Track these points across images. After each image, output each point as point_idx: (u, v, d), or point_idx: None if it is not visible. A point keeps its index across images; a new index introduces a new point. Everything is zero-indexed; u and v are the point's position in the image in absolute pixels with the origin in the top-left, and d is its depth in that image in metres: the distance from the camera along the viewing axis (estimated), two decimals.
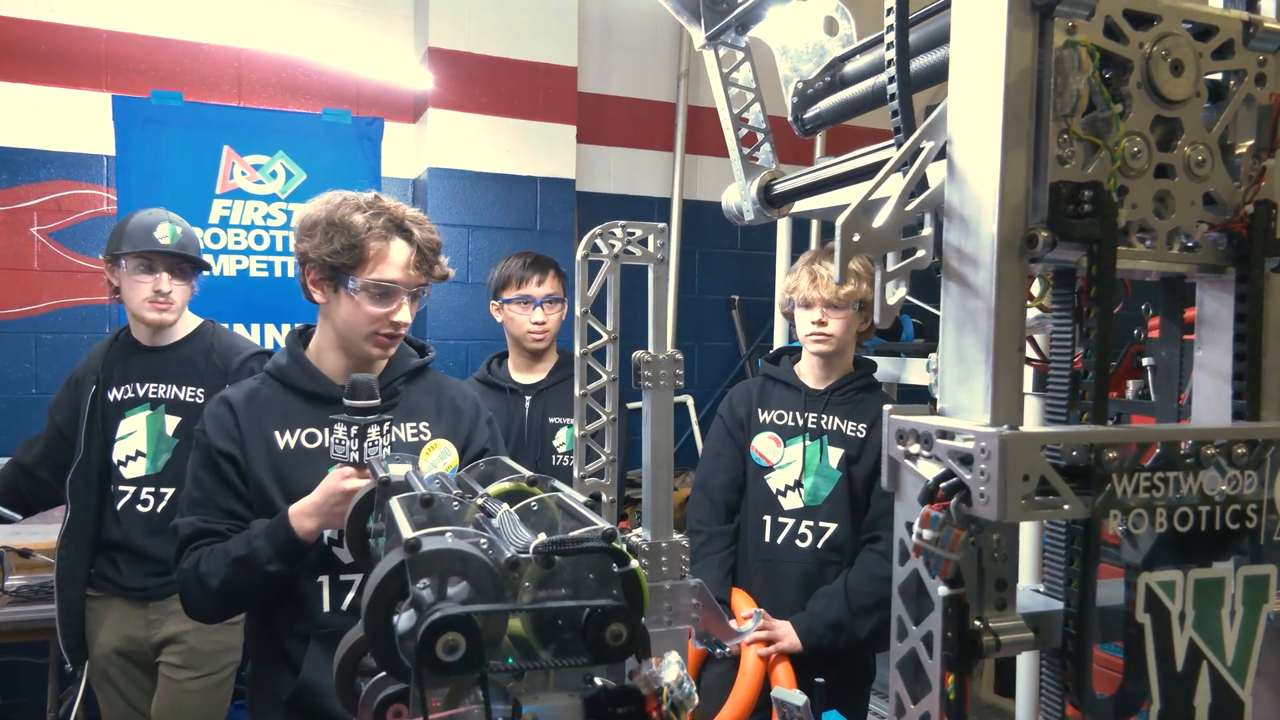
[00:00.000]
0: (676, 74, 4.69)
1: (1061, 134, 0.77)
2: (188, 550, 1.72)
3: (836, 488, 2.39)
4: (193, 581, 1.69)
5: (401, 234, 1.77)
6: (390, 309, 1.76)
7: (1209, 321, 0.89)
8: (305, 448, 1.75)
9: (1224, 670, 0.80)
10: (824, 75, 1.30)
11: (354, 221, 1.72)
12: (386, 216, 1.75)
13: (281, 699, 1.72)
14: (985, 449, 0.71)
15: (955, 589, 0.75)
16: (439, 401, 1.89)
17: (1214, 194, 0.84)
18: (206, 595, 1.68)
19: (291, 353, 1.84)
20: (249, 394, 1.80)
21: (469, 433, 1.88)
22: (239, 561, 1.64)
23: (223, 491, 1.74)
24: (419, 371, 1.91)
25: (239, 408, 1.77)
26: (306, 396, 1.78)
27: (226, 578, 1.65)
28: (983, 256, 0.78)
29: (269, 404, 1.78)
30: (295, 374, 1.81)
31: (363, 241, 1.72)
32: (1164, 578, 0.78)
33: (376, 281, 1.74)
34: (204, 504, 1.74)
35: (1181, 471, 0.76)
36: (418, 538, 0.85)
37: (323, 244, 1.73)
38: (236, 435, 1.74)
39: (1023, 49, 0.76)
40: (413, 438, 1.82)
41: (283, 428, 1.76)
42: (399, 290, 1.76)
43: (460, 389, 1.97)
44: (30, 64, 3.61)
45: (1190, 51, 0.81)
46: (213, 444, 1.74)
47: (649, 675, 0.85)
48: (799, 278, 2.44)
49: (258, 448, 1.74)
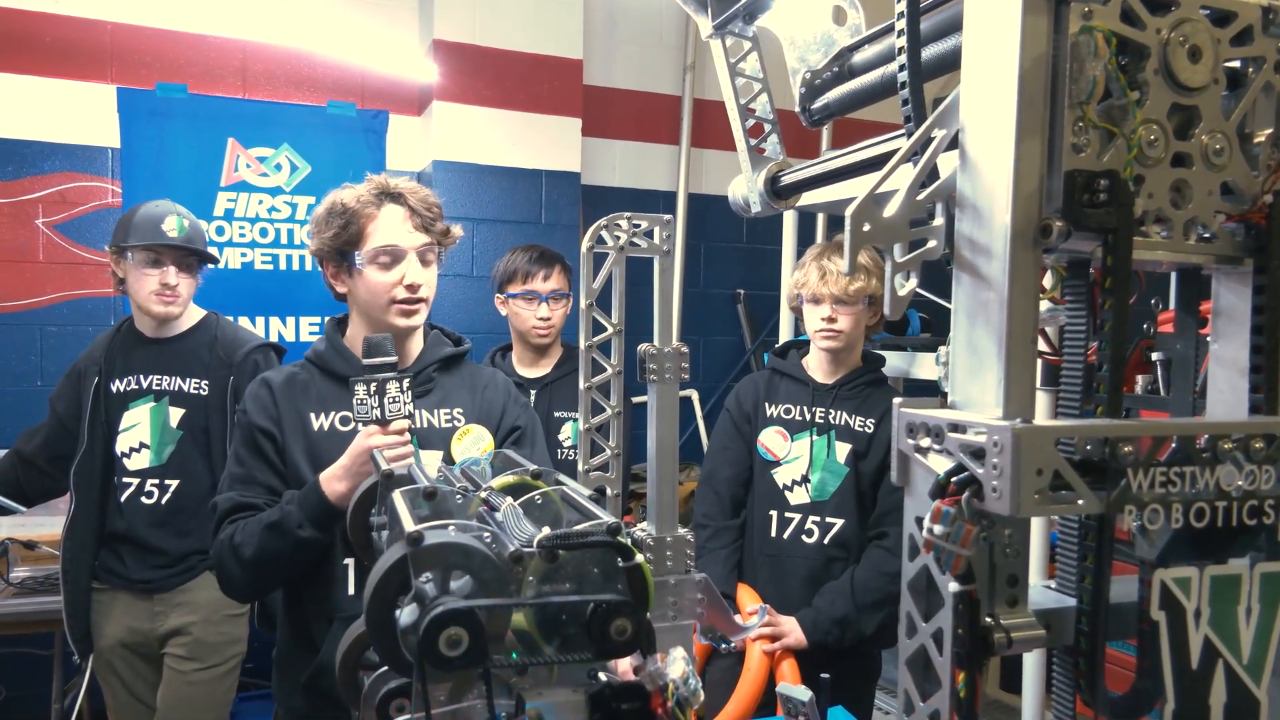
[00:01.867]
0: (682, 67, 4.67)
1: (1077, 121, 0.76)
2: (225, 524, 1.76)
3: (844, 483, 2.38)
4: (228, 552, 1.72)
5: (392, 199, 1.81)
6: (400, 273, 1.80)
7: (1225, 314, 0.87)
8: (339, 430, 1.80)
9: (1240, 669, 0.78)
10: (832, 65, 1.28)
11: (345, 201, 1.79)
12: (374, 187, 1.81)
13: (300, 681, 1.76)
14: (998, 442, 0.70)
15: (966, 585, 0.74)
16: (473, 389, 1.92)
17: (1232, 183, 0.82)
18: (240, 565, 1.71)
19: (330, 339, 1.90)
20: (288, 377, 1.86)
21: (501, 414, 1.92)
22: (272, 527, 1.68)
23: (262, 467, 1.79)
24: (454, 360, 1.94)
25: (277, 389, 1.83)
26: (341, 380, 1.82)
27: (260, 545, 1.68)
28: (995, 247, 0.76)
29: (306, 387, 1.84)
30: (331, 358, 1.86)
31: (356, 215, 1.78)
32: (1180, 574, 0.76)
33: (378, 248, 1.79)
34: (244, 480, 1.79)
35: (1198, 466, 0.74)
36: (420, 531, 0.84)
37: (325, 232, 1.80)
38: (274, 414, 1.80)
39: (1037, 35, 0.75)
40: (446, 423, 1.85)
41: (318, 410, 1.82)
42: (402, 251, 1.80)
43: (494, 376, 2.00)
44: (35, 56, 3.61)
45: (1208, 38, 0.80)
46: (253, 421, 1.80)
47: (654, 671, 0.84)
48: (808, 273, 2.42)
49: (294, 427, 1.79)
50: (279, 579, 1.82)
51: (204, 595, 2.59)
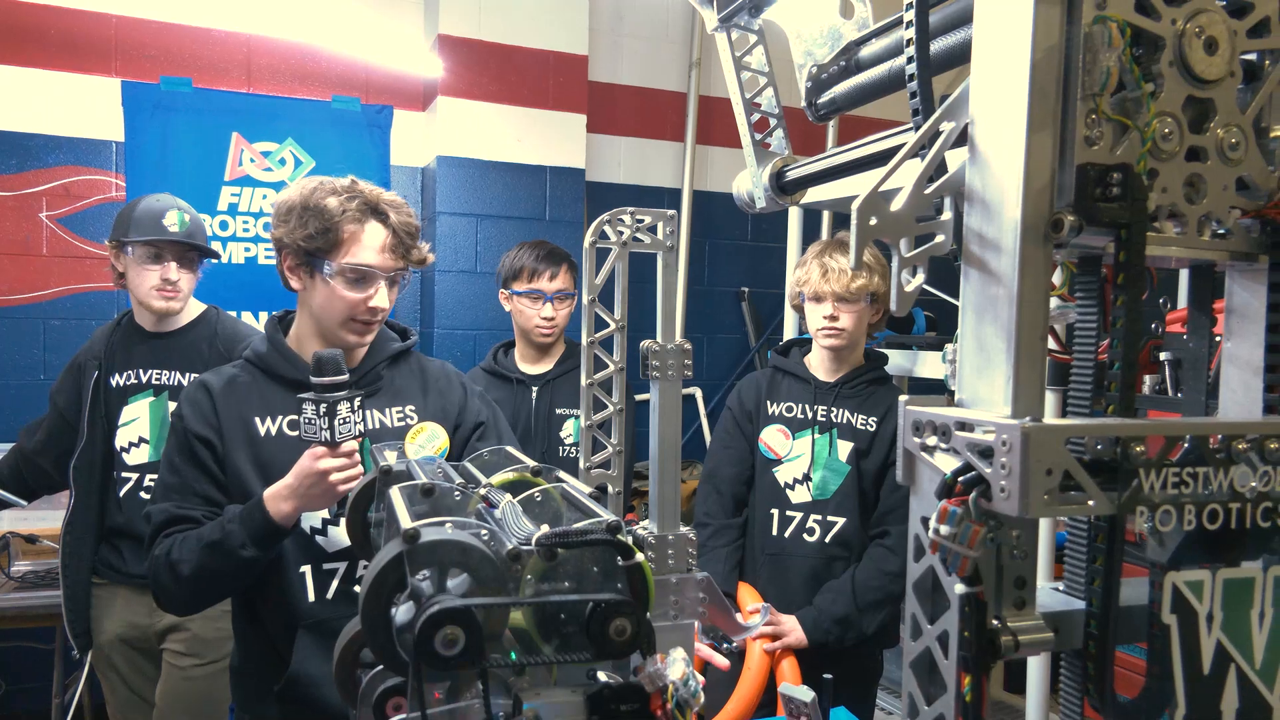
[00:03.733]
0: (688, 63, 4.65)
1: (1089, 114, 0.74)
2: (160, 538, 1.67)
3: (845, 482, 2.36)
4: (164, 569, 1.64)
5: (377, 217, 1.73)
6: (367, 294, 1.72)
7: (1239, 312, 0.86)
8: (286, 435, 1.72)
9: (1252, 673, 0.76)
10: (839, 59, 1.27)
11: (328, 205, 1.69)
12: (361, 200, 1.72)
13: (271, 691, 1.69)
14: (1007, 441, 0.68)
15: (973, 587, 0.72)
16: (424, 384, 1.85)
17: (1247, 178, 0.80)
18: (178, 583, 1.63)
19: (271, 339, 1.80)
20: (228, 380, 1.76)
21: (459, 410, 1.85)
22: (212, 546, 1.59)
23: (199, 477, 1.70)
24: (401, 355, 1.87)
25: (217, 394, 1.73)
26: (287, 384, 1.75)
27: (199, 564, 1.60)
28: (1005, 242, 0.74)
29: (249, 391, 1.75)
30: (275, 361, 1.77)
31: (337, 225, 1.69)
32: (1192, 577, 0.75)
33: (352, 265, 1.71)
34: (179, 490, 1.69)
35: (1212, 467, 0.73)
36: (417, 528, 0.82)
37: (297, 229, 1.70)
38: (214, 421, 1.71)
39: (1050, 25, 0.73)
40: (399, 422, 1.79)
41: (263, 415, 1.73)
42: (375, 275, 1.72)
43: (444, 369, 1.93)
44: (40, 49, 3.60)
45: (1225, 29, 0.78)
46: (189, 428, 1.70)
47: (653, 672, 0.82)
48: (809, 270, 2.40)
49: (236, 434, 1.70)
50: (218, 596, 1.76)
51: None
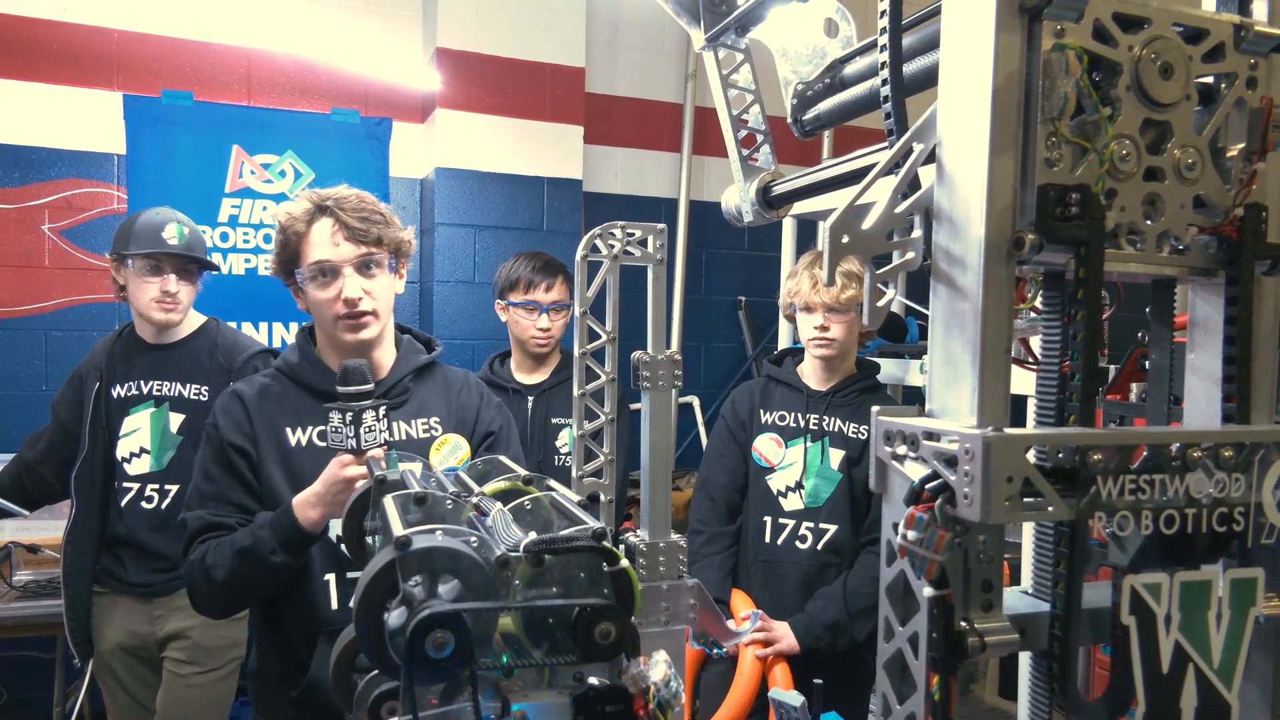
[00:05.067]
0: (684, 75, 4.69)
1: (1049, 137, 0.77)
2: (196, 544, 1.72)
3: (837, 489, 2.39)
4: (199, 574, 1.69)
5: (321, 213, 1.77)
6: (337, 287, 1.76)
7: (1200, 324, 0.89)
8: (316, 445, 1.76)
9: (1210, 673, 0.79)
10: (823, 77, 1.30)
11: (281, 220, 1.79)
12: (306, 202, 1.79)
13: (290, 696, 1.73)
14: (969, 450, 0.71)
15: (940, 590, 0.75)
16: (447, 394, 1.90)
17: (1204, 197, 0.84)
18: (212, 588, 1.68)
19: (301, 349, 1.85)
20: (260, 390, 1.81)
21: (474, 419, 1.90)
22: (244, 552, 1.65)
23: (233, 485, 1.75)
24: (427, 368, 1.92)
25: (250, 403, 1.78)
26: (316, 393, 1.78)
27: (232, 569, 1.65)
28: (970, 259, 0.78)
29: (280, 400, 1.80)
30: (305, 371, 1.82)
31: (290, 235, 1.77)
32: (1149, 580, 0.78)
33: (311, 264, 1.76)
34: (214, 498, 1.74)
35: (1168, 474, 0.76)
36: (408, 535, 0.85)
37: (273, 252, 1.82)
38: (249, 430, 1.76)
39: (1010, 52, 0.76)
40: (424, 434, 1.83)
41: (294, 424, 1.77)
42: (334, 266, 1.76)
43: (466, 378, 1.98)
44: (42, 63, 3.64)
45: (1180, 55, 0.81)
46: (225, 438, 1.75)
47: (636, 674, 0.85)
48: (800, 281, 2.43)
49: (270, 444, 1.75)
50: (252, 600, 1.80)
51: None
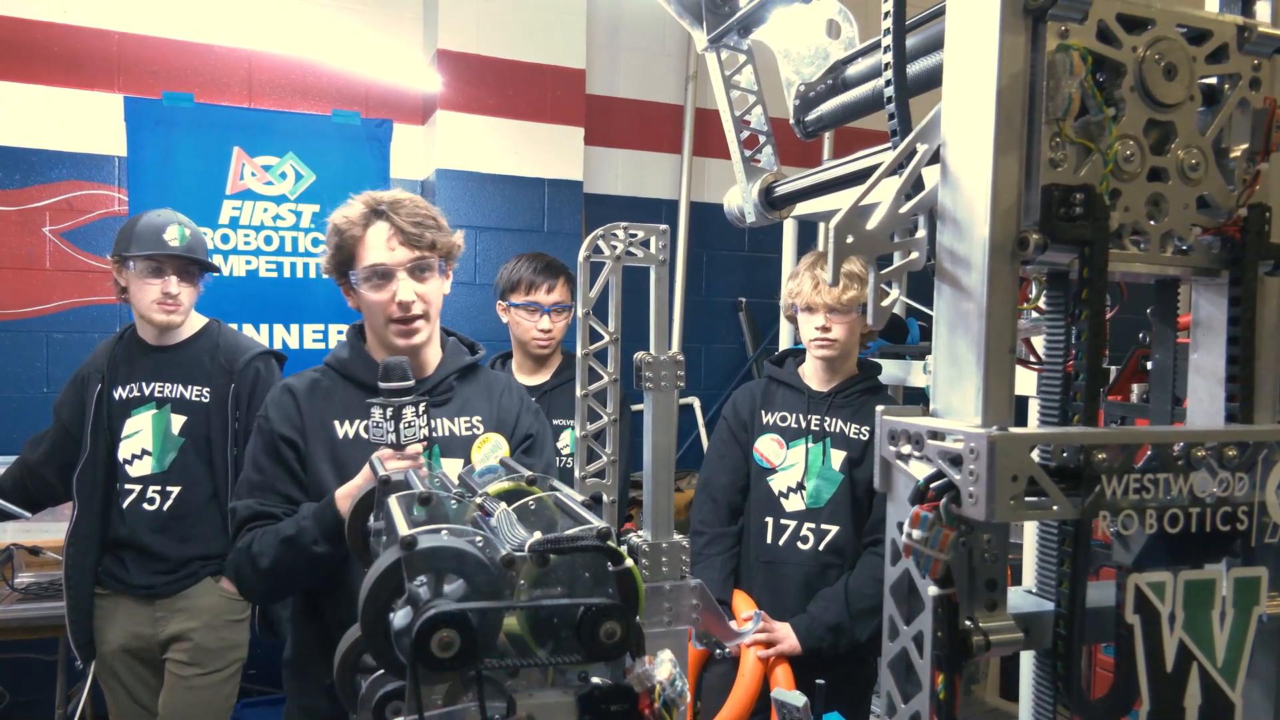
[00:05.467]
0: (684, 76, 4.69)
1: (1054, 137, 0.77)
2: (243, 531, 1.78)
3: (839, 490, 2.39)
4: (245, 561, 1.75)
5: (378, 217, 1.82)
6: (390, 290, 1.81)
7: (1204, 324, 0.89)
8: (364, 438, 1.81)
9: (1214, 672, 0.80)
10: (826, 78, 1.30)
11: (336, 223, 1.82)
12: (363, 205, 1.83)
13: (324, 684, 1.76)
14: (974, 450, 0.71)
15: (945, 589, 0.75)
16: (490, 397, 1.96)
17: (1208, 197, 0.84)
18: (258, 574, 1.74)
19: (352, 345, 1.91)
20: (310, 384, 1.87)
21: (514, 422, 1.95)
22: (288, 541, 1.70)
23: (282, 476, 1.80)
24: (471, 369, 1.98)
25: (301, 396, 1.84)
26: (365, 388, 1.83)
27: (276, 557, 1.71)
28: (975, 259, 0.78)
29: (330, 395, 1.86)
30: (355, 366, 1.87)
31: (347, 238, 1.81)
32: (1154, 579, 0.78)
33: (366, 267, 1.81)
34: (263, 488, 1.80)
35: (1172, 473, 0.76)
36: (414, 535, 0.86)
37: (327, 253, 1.85)
38: (299, 423, 1.81)
39: (1015, 53, 0.77)
40: (466, 431, 1.89)
41: (343, 418, 1.83)
42: (389, 269, 1.81)
43: (508, 382, 2.05)
44: (43, 65, 3.64)
45: (1184, 55, 0.81)
46: (276, 430, 1.81)
47: (641, 673, 0.85)
48: (801, 282, 2.44)
49: (319, 436, 1.81)
50: (296, 587, 1.85)
51: (205, 601, 2.61)
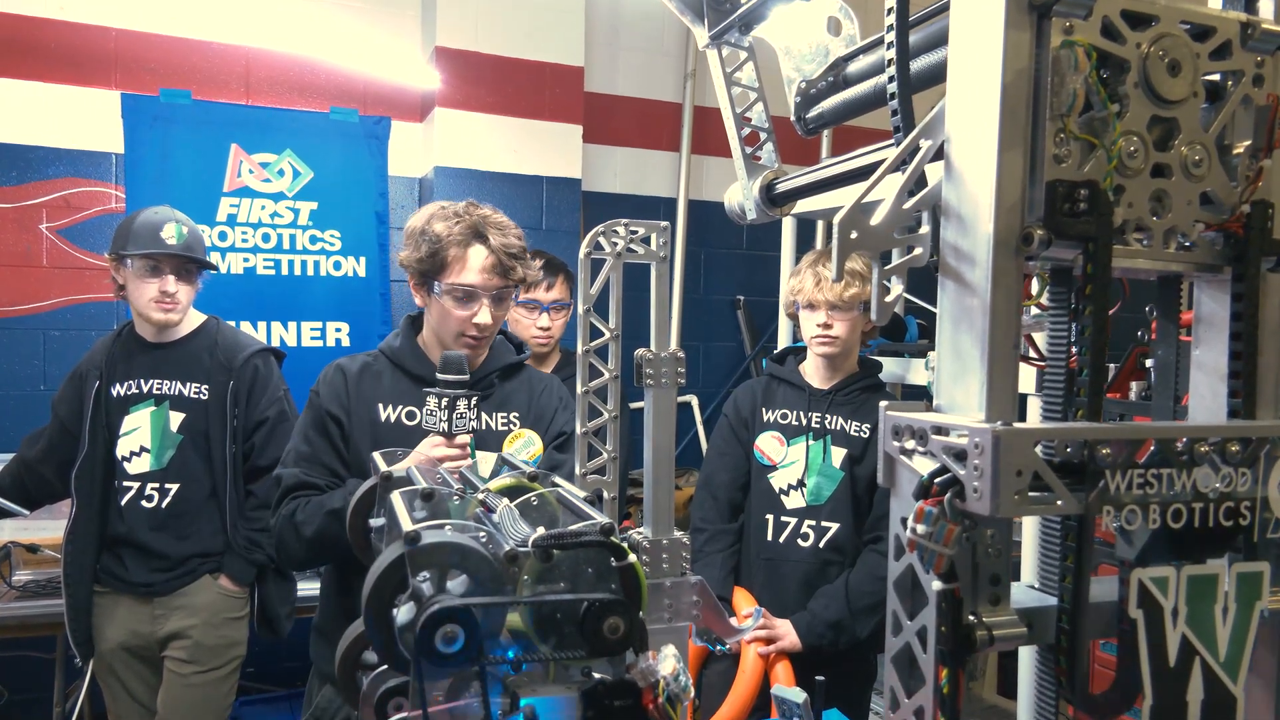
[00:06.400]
0: (683, 74, 4.69)
1: (1058, 133, 0.78)
2: (287, 499, 1.85)
3: (839, 488, 2.39)
4: (288, 528, 1.82)
5: (479, 240, 1.89)
6: (472, 311, 1.89)
7: (1206, 320, 0.89)
8: (404, 424, 1.89)
9: (1216, 666, 0.80)
10: (827, 75, 1.30)
11: (437, 230, 1.88)
12: (466, 223, 1.89)
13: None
14: (979, 444, 0.72)
15: (949, 584, 0.75)
16: (530, 395, 2.02)
17: (1211, 194, 0.84)
18: (300, 542, 1.81)
19: (405, 335, 1.99)
20: (363, 366, 1.95)
21: (551, 418, 2.01)
22: (333, 513, 1.75)
23: (327, 449, 1.88)
24: (515, 367, 2.04)
25: (351, 376, 1.92)
26: (412, 377, 1.93)
27: (320, 528, 1.77)
28: (979, 254, 0.78)
29: (379, 378, 1.94)
30: (406, 355, 1.96)
31: (444, 248, 1.87)
32: (1157, 574, 0.78)
33: (456, 285, 1.87)
34: (309, 459, 1.88)
35: (1175, 468, 0.76)
36: (417, 530, 0.86)
37: (413, 251, 1.90)
38: (345, 401, 1.89)
39: (1020, 49, 0.77)
40: (502, 426, 1.95)
41: (387, 401, 1.91)
42: (478, 294, 1.88)
43: (550, 381, 2.10)
44: (40, 61, 3.63)
45: (1188, 52, 0.82)
46: (324, 406, 1.89)
47: (645, 668, 0.85)
48: (803, 279, 2.44)
49: (362, 416, 1.89)
50: (332, 558, 1.91)
51: (204, 599, 2.60)
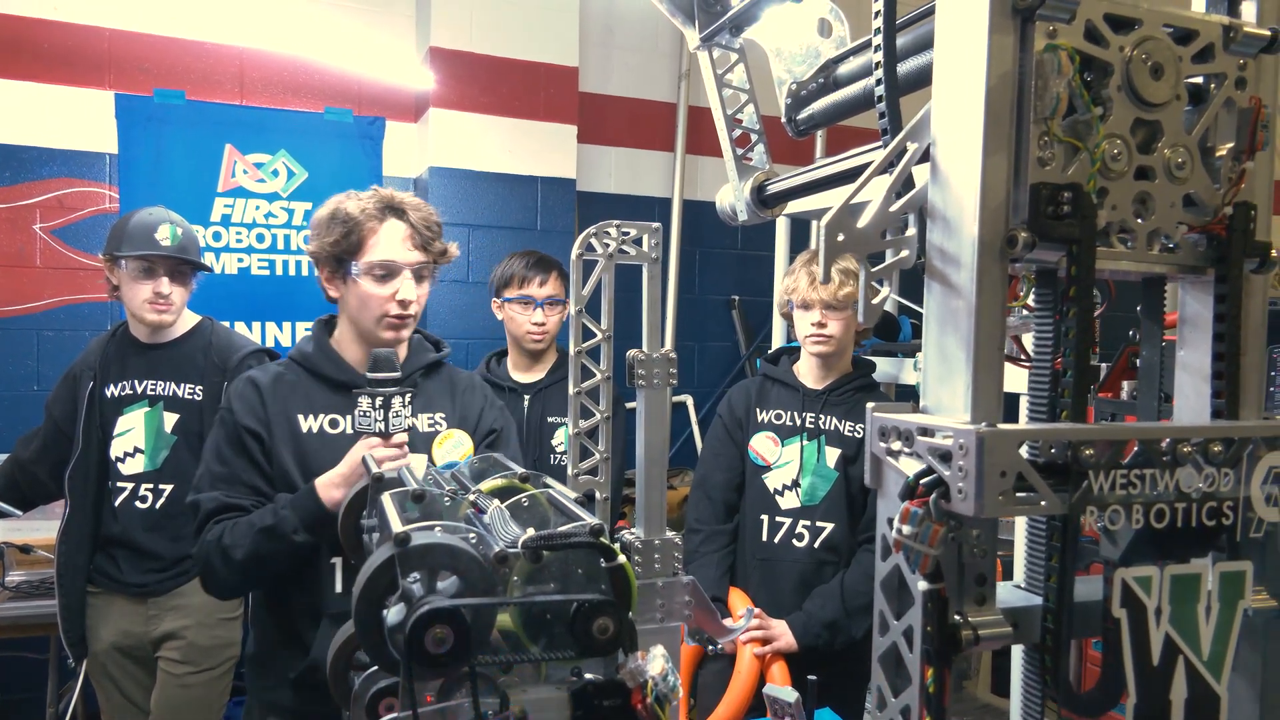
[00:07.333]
0: (678, 74, 4.70)
1: (1042, 136, 0.78)
2: (210, 524, 1.76)
3: (833, 488, 2.40)
4: (216, 554, 1.73)
5: (394, 214, 1.83)
6: (394, 288, 1.82)
7: (1190, 321, 0.90)
8: (328, 433, 1.82)
9: (1200, 665, 0.80)
10: (817, 77, 1.31)
11: (350, 210, 1.81)
12: (379, 200, 1.83)
13: (289, 678, 1.77)
14: (963, 446, 0.72)
15: (935, 584, 0.76)
16: (453, 394, 1.96)
17: (1194, 196, 0.85)
18: (229, 567, 1.72)
19: (317, 340, 1.91)
20: (275, 377, 1.86)
21: (477, 418, 1.95)
22: (266, 531, 1.69)
23: (246, 468, 1.79)
24: (435, 366, 1.98)
25: (265, 389, 1.83)
26: (330, 383, 1.85)
27: (252, 548, 1.70)
28: (964, 257, 0.79)
29: (293, 388, 1.85)
30: (320, 361, 1.87)
31: (358, 225, 1.80)
32: (1140, 573, 0.79)
33: (375, 261, 1.81)
34: (227, 479, 1.79)
35: (1158, 469, 0.77)
36: (408, 532, 0.86)
37: (325, 237, 1.82)
38: (262, 415, 1.81)
39: (1003, 52, 0.77)
40: (429, 428, 1.89)
41: (306, 412, 1.83)
42: (398, 267, 1.82)
43: (471, 380, 2.04)
44: (34, 62, 3.63)
45: (1170, 55, 0.82)
46: (239, 421, 1.80)
47: (634, 668, 0.86)
48: (797, 279, 2.45)
49: (282, 429, 1.80)
50: (266, 580, 1.82)
51: (198, 599, 2.60)
